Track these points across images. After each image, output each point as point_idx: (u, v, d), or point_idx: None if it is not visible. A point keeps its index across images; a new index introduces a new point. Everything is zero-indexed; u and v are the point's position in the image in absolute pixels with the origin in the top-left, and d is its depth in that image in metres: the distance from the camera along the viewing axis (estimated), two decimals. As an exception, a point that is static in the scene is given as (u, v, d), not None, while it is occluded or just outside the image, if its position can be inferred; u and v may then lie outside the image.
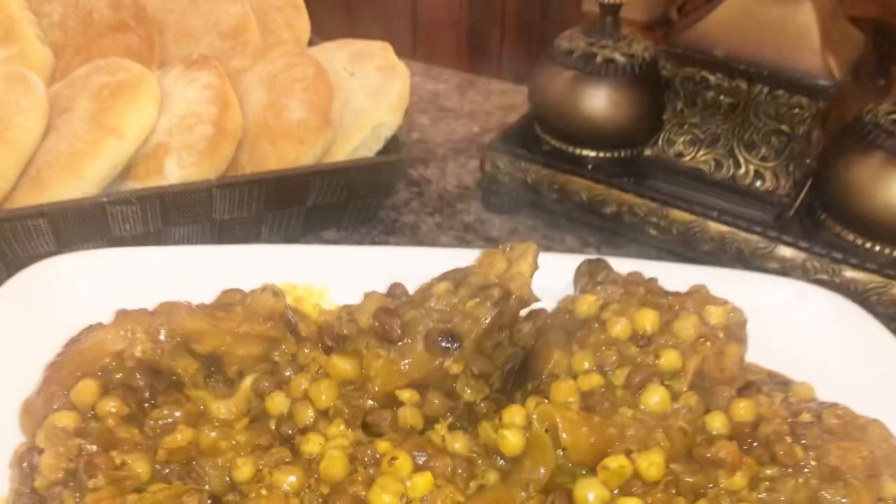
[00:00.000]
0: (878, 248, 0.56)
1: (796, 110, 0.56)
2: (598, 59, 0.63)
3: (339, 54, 0.70)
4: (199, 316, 0.40)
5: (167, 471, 0.37)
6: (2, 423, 0.40)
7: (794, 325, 0.52)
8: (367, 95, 0.66)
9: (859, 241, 0.57)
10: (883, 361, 0.50)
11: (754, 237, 0.59)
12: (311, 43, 0.80)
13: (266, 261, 0.52)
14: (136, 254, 0.52)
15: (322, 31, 0.83)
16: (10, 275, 0.54)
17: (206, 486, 0.36)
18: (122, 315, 0.41)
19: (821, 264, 0.57)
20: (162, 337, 0.40)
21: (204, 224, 0.59)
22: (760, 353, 0.49)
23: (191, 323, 0.40)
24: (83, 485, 0.35)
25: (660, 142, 0.63)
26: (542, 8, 2.88)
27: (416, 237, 0.67)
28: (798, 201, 0.63)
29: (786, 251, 0.58)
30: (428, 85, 0.94)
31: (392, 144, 0.66)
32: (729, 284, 0.52)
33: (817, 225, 0.60)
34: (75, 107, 0.58)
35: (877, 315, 0.54)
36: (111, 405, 0.38)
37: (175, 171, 0.58)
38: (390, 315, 0.41)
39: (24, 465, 0.37)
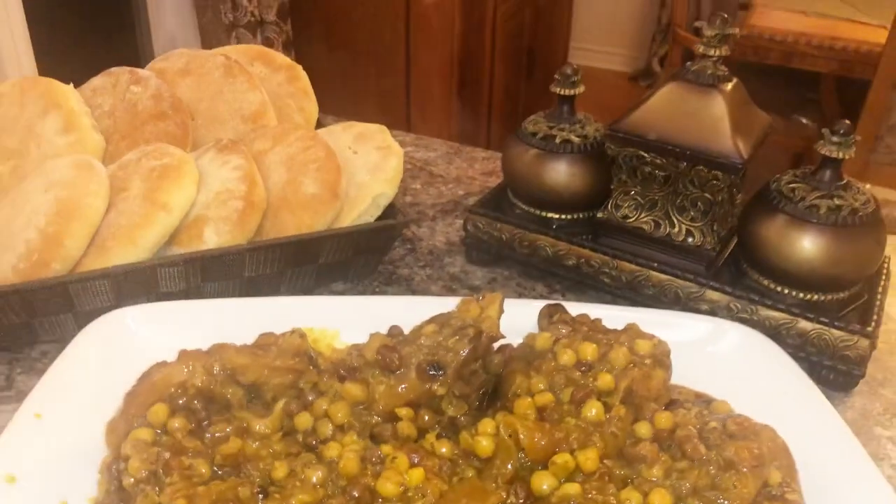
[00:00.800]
0: (786, 291, 0.69)
1: (714, 182, 0.69)
2: (557, 139, 0.76)
3: (344, 136, 0.84)
4: (244, 353, 0.52)
5: (221, 472, 0.48)
6: (91, 440, 0.52)
7: (715, 354, 0.64)
8: (368, 171, 0.79)
9: (772, 286, 0.70)
10: (786, 382, 0.62)
11: (688, 284, 0.71)
12: (319, 123, 0.94)
13: (288, 310, 0.64)
14: (184, 306, 0.64)
15: (326, 108, 0.97)
16: (77, 324, 0.66)
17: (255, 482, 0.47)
18: (184, 354, 0.53)
19: (742, 305, 0.70)
20: (215, 371, 0.52)
21: (235, 281, 0.72)
22: (688, 377, 0.61)
23: (237, 359, 0.52)
24: (161, 481, 0.46)
25: (609, 206, 0.76)
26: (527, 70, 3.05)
27: (410, 287, 0.79)
28: (726, 254, 0.76)
29: (713, 294, 0.71)
30: (419, 153, 1.07)
31: (389, 211, 0.79)
32: (664, 321, 0.65)
33: (740, 273, 0.73)
34: (130, 186, 0.71)
35: (786, 346, 0.66)
36: (178, 423, 0.49)
37: (213, 238, 0.70)
38: (390, 350, 0.53)
39: (113, 469, 0.49)
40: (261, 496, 0.45)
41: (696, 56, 0.71)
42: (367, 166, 0.79)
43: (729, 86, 0.70)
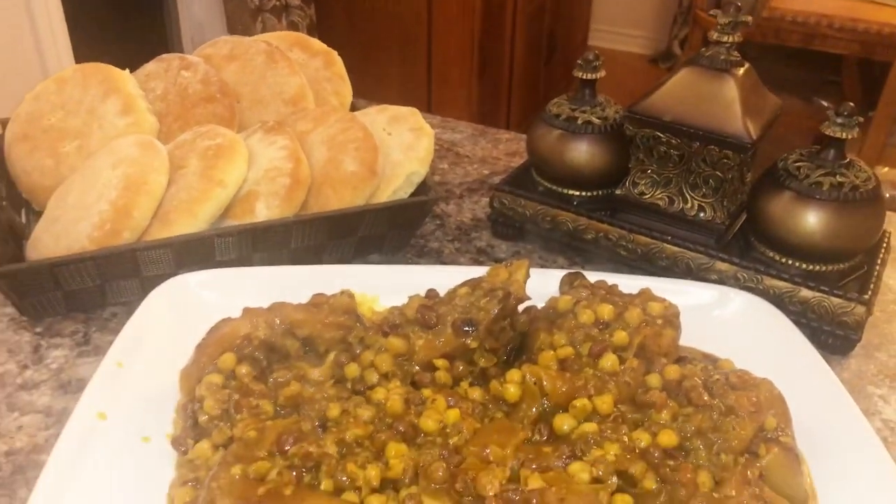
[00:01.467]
0: (790, 262, 0.74)
1: (725, 160, 0.75)
2: (579, 121, 0.82)
3: (378, 118, 0.90)
4: (300, 310, 0.59)
5: (283, 412, 0.55)
6: (165, 386, 0.59)
7: (721, 318, 0.70)
8: (402, 151, 0.85)
9: (777, 258, 0.75)
10: (787, 344, 0.68)
11: (698, 255, 0.77)
12: (353, 106, 1.00)
13: (332, 277, 0.71)
14: (239, 272, 0.71)
15: (358, 92, 1.03)
16: (142, 288, 0.74)
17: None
18: (247, 310, 0.60)
19: (748, 275, 0.75)
20: (276, 324, 0.59)
21: (282, 251, 0.79)
22: (696, 340, 0.67)
23: (295, 315, 0.59)
24: (232, 418, 0.53)
25: (627, 184, 0.82)
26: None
27: (440, 259, 0.85)
28: (735, 228, 0.81)
29: (722, 265, 0.76)
30: (446, 135, 1.13)
31: (420, 188, 0.85)
32: (675, 288, 0.71)
33: (748, 246, 0.78)
34: (187, 164, 0.78)
35: (789, 313, 0.72)
36: (244, 369, 0.57)
37: (263, 212, 0.77)
38: (429, 309, 0.59)
39: (188, 409, 0.56)
40: (320, 430, 0.52)
41: (710, 42, 0.76)
42: (401, 146, 0.86)
43: (741, 70, 0.75)
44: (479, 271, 0.66)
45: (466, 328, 0.58)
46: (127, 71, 0.90)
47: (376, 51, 2.63)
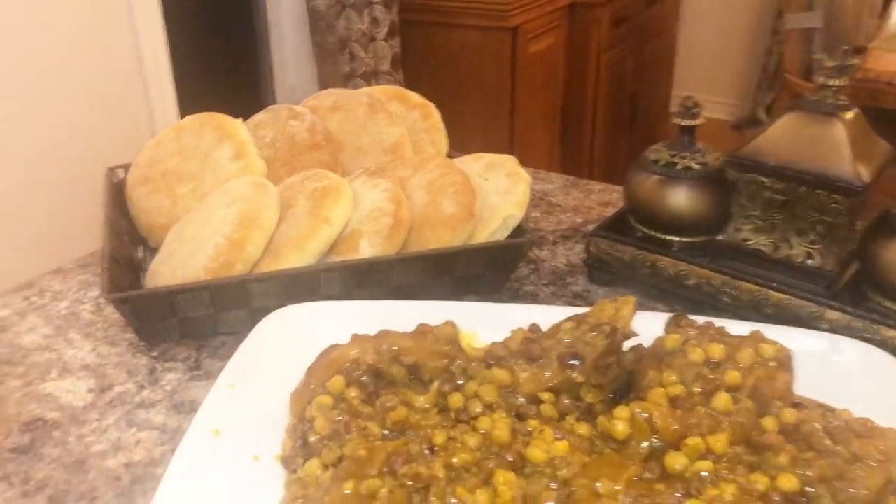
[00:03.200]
0: (909, 311, 0.71)
1: (834, 205, 0.73)
2: (679, 166, 0.82)
3: (475, 165, 0.93)
4: (406, 338, 0.61)
5: (390, 434, 0.56)
6: (275, 407, 0.61)
7: (836, 368, 0.67)
8: (499, 195, 0.87)
9: (894, 307, 0.72)
10: (910, 396, 0.64)
11: (807, 303, 0.75)
12: (448, 156, 1.03)
13: (432, 312, 0.72)
14: (344, 304, 0.73)
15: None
16: (251, 320, 0.77)
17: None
18: (356, 337, 0.61)
19: (863, 325, 0.72)
20: (383, 350, 0.60)
21: (383, 287, 0.81)
22: (809, 387, 0.64)
23: (401, 342, 0.60)
24: (342, 438, 0.54)
25: (729, 229, 0.80)
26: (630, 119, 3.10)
27: (536, 302, 0.85)
28: (847, 275, 0.78)
29: (833, 315, 0.73)
30: (538, 185, 1.14)
31: (516, 232, 0.86)
32: (785, 336, 0.68)
33: (861, 294, 0.75)
34: (296, 203, 0.82)
35: (909, 364, 0.68)
36: (353, 392, 0.58)
37: (367, 249, 0.80)
38: (533, 342, 0.59)
39: (298, 430, 0.57)
40: (428, 453, 0.52)
41: (815, 87, 0.75)
42: (498, 191, 0.87)
43: (849, 114, 0.74)
44: (578, 311, 0.65)
45: (573, 361, 0.58)
46: (240, 119, 0.96)
47: (460, 116, 2.71)
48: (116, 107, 2.03)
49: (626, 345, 0.62)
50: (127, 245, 0.89)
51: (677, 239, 0.84)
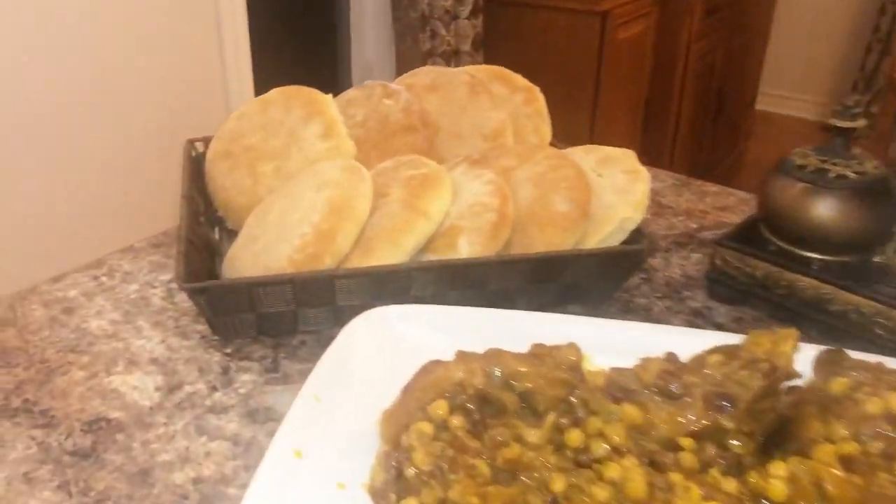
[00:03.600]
0: None
1: None
2: (831, 174, 0.71)
3: (587, 158, 0.83)
4: (522, 361, 0.52)
5: (500, 475, 0.48)
6: (364, 425, 0.53)
7: None
8: (615, 194, 0.77)
9: None
10: None
11: None
12: (553, 146, 0.94)
13: (546, 327, 0.63)
14: (441, 310, 0.65)
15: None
16: (334, 318, 0.70)
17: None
18: (462, 354, 0.53)
19: None
20: (495, 374, 0.51)
21: (477, 290, 0.72)
22: None
23: (516, 365, 0.52)
24: (447, 476, 0.46)
25: (889, 250, 0.69)
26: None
27: (649, 317, 0.75)
28: None
29: None
30: (644, 184, 1.04)
31: (633, 237, 0.77)
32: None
33: None
34: (390, 192, 0.74)
35: None
36: (458, 421, 0.50)
37: (466, 248, 0.71)
38: (673, 376, 0.50)
39: (391, 460, 0.50)
40: (550, 506, 0.44)
41: None
42: (614, 188, 0.78)
43: None
44: (725, 338, 0.56)
45: (722, 403, 0.48)
46: (330, 95, 0.89)
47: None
48: (193, 79, 2.00)
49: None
50: (203, 226, 0.83)
51: (818, 257, 0.73)
